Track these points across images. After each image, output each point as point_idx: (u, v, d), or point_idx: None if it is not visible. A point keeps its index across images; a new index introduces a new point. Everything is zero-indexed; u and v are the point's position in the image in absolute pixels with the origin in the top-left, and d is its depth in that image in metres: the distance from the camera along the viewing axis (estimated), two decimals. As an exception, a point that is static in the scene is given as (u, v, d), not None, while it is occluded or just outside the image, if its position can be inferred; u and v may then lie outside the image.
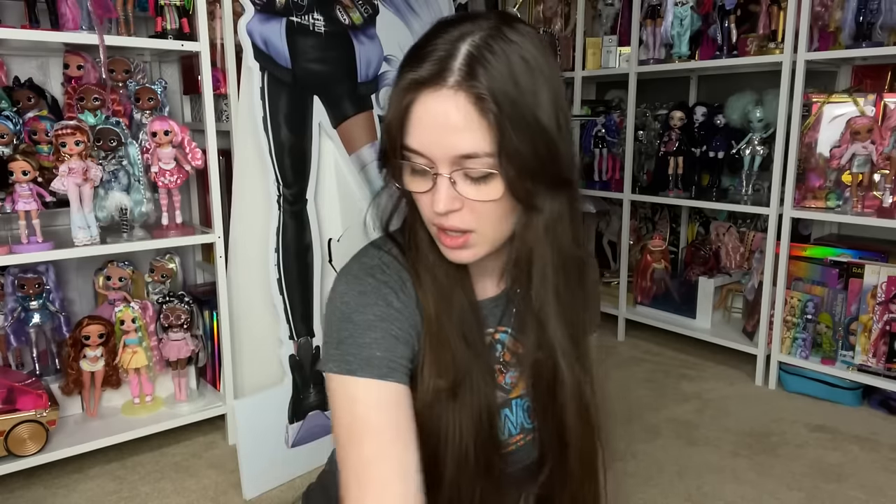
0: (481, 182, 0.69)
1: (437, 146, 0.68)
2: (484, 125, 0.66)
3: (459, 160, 0.67)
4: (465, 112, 0.65)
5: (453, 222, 0.71)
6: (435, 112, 0.67)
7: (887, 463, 1.85)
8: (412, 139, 0.69)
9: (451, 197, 0.69)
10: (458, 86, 0.65)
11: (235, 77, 1.83)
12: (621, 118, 2.90)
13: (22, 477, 1.74)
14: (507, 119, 0.65)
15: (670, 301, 2.78)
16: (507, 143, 0.66)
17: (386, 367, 0.73)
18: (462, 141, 0.66)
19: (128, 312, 1.85)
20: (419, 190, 0.72)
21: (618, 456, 1.90)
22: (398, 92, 0.69)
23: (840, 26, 2.16)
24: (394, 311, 0.75)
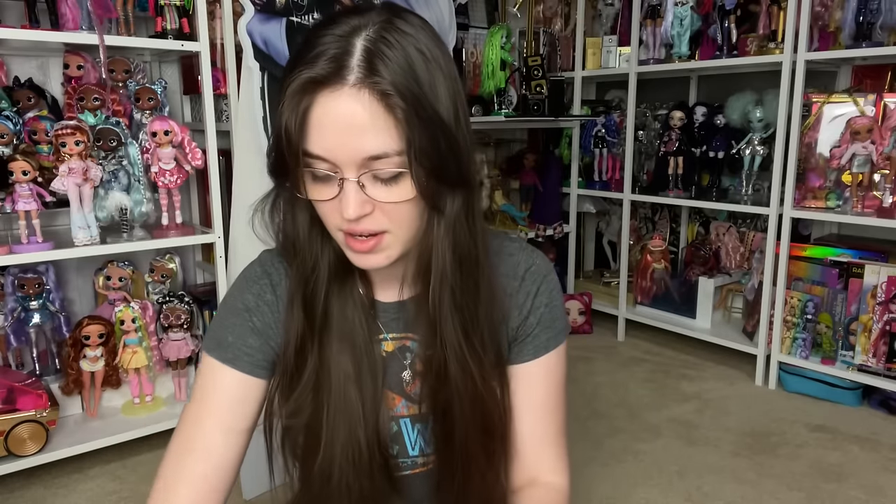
0: (391, 182, 0.65)
1: (341, 149, 0.63)
2: (391, 123, 0.62)
3: (367, 162, 0.64)
4: (370, 111, 0.62)
5: (365, 226, 0.67)
6: (337, 113, 0.62)
7: (887, 463, 1.85)
8: (313, 144, 0.64)
9: (361, 201, 0.65)
10: (360, 83, 0.61)
11: (235, 77, 1.83)
12: (621, 118, 2.90)
13: (22, 477, 1.74)
14: (414, 115, 0.62)
15: (670, 301, 2.78)
16: (415, 140, 0.63)
17: (232, 353, 0.77)
18: (370, 142, 0.63)
19: (128, 312, 1.85)
20: (324, 198, 0.67)
21: (617, 456, 1.90)
22: (292, 94, 0.64)
23: (840, 26, 2.16)
24: (262, 304, 0.78)
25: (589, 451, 1.92)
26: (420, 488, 0.84)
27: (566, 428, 0.87)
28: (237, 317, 0.79)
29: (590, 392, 2.33)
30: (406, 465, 0.83)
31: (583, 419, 2.12)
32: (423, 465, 0.83)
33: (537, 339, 0.82)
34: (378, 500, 0.78)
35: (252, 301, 0.79)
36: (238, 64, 1.80)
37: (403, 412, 0.82)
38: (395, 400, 0.82)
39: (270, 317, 0.78)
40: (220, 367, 0.78)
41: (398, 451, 0.82)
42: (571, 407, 2.19)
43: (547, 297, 0.83)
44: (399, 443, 0.82)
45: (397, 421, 0.82)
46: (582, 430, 2.05)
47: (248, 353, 0.77)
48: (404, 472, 0.83)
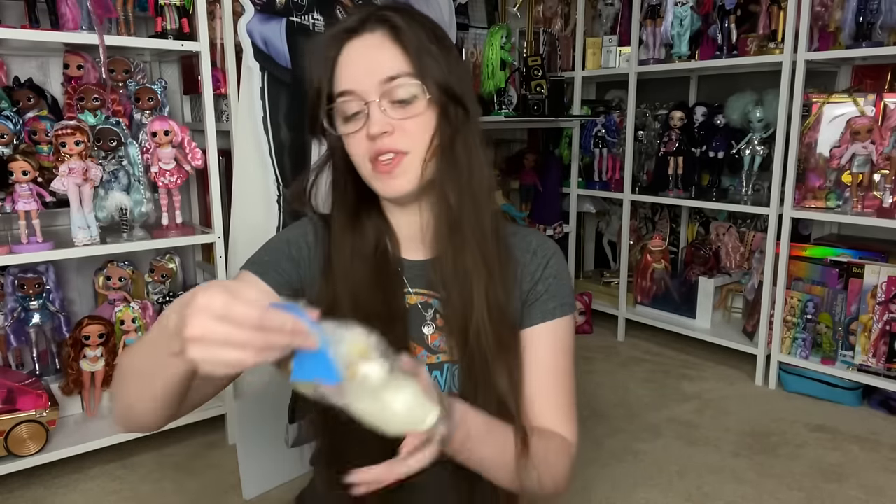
0: (407, 104, 0.80)
1: (364, 75, 0.79)
2: (400, 49, 0.79)
3: (385, 84, 0.79)
4: (384, 42, 0.80)
5: (386, 143, 0.79)
6: (360, 50, 0.80)
7: (887, 463, 1.85)
8: (341, 82, 0.81)
9: (383, 120, 0.79)
10: (376, 26, 0.81)
11: (235, 77, 1.83)
12: (621, 118, 2.90)
13: (22, 477, 1.74)
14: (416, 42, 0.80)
15: (670, 301, 2.78)
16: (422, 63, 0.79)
17: (264, 268, 0.86)
18: (385, 64, 0.79)
19: (128, 312, 1.85)
20: (353, 130, 0.81)
21: (617, 456, 1.90)
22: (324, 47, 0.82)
23: (840, 26, 2.16)
24: (302, 241, 0.90)
25: (589, 451, 1.92)
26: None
27: (575, 397, 0.93)
28: (278, 244, 0.90)
29: (590, 392, 2.33)
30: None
31: (583, 419, 2.11)
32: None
33: (545, 304, 0.90)
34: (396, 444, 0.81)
35: (294, 237, 0.90)
36: (238, 64, 1.80)
37: (423, 361, 0.89)
38: (416, 349, 0.89)
39: (306, 252, 0.89)
40: (249, 276, 0.86)
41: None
42: (571, 407, 2.19)
43: (555, 270, 0.92)
44: None
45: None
46: (582, 430, 2.03)
47: (279, 271, 0.86)
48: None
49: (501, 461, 0.79)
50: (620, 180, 2.86)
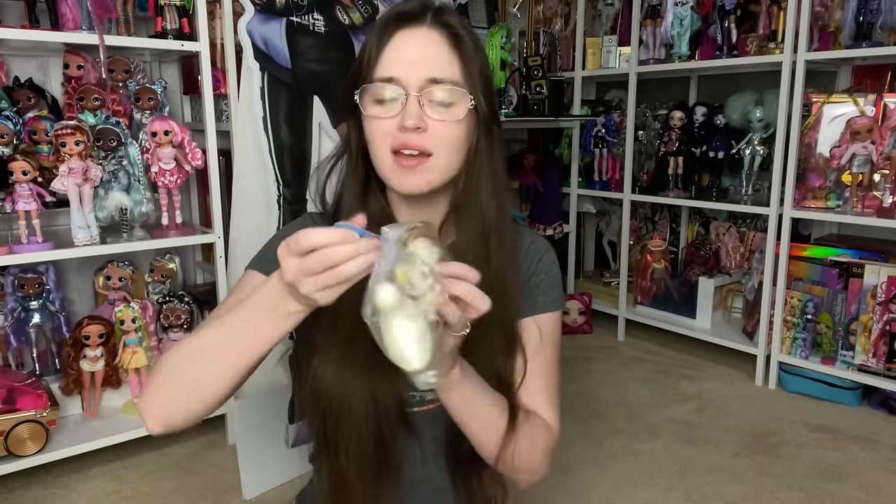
0: (445, 107, 0.80)
1: (412, 70, 0.80)
2: (455, 56, 0.81)
3: (429, 83, 0.79)
4: (439, 43, 0.81)
5: (415, 140, 0.79)
6: (414, 41, 0.81)
7: (887, 463, 1.85)
8: (386, 67, 0.80)
9: (420, 114, 0.79)
10: (434, 23, 0.82)
11: (235, 77, 1.83)
12: (621, 118, 2.90)
13: (22, 477, 1.74)
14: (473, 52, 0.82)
15: (670, 301, 2.78)
16: (470, 75, 0.82)
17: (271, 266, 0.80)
18: (435, 66, 0.80)
19: (128, 312, 1.85)
20: (385, 115, 0.80)
21: (617, 456, 1.90)
22: (380, 26, 0.82)
23: (840, 26, 2.16)
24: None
25: (589, 451, 1.92)
26: (426, 430, 0.90)
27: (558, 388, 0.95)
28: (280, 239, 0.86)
29: (590, 392, 2.33)
30: (414, 401, 0.88)
31: (583, 419, 2.12)
32: (428, 403, 0.89)
33: (535, 299, 0.92)
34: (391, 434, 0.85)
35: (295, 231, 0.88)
36: (238, 64, 1.80)
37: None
38: None
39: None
40: (256, 275, 0.86)
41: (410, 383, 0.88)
42: (571, 407, 2.19)
43: (547, 267, 0.95)
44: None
45: None
46: (582, 430, 2.05)
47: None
48: (412, 407, 0.88)
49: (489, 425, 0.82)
50: (620, 180, 2.86)
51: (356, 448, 0.82)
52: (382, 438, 0.84)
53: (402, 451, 0.88)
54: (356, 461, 0.83)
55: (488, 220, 0.86)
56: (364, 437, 0.82)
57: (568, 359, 2.63)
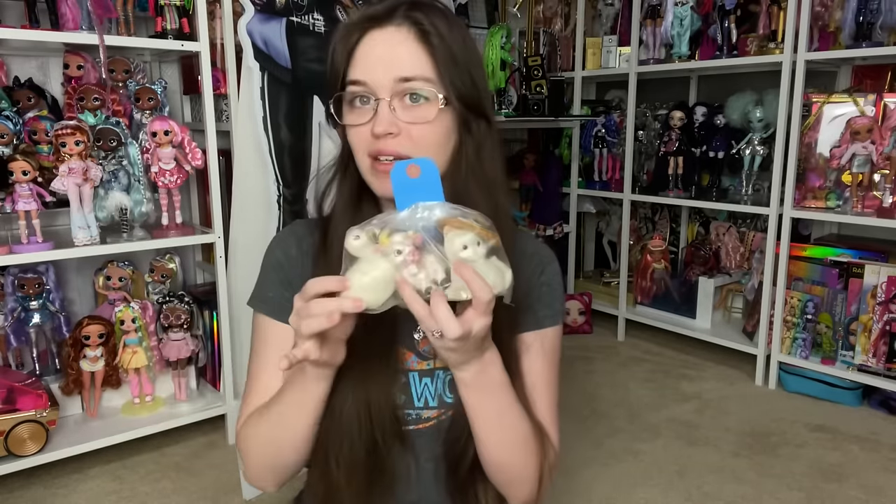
0: (417, 107, 0.78)
1: (380, 71, 0.77)
2: (423, 50, 0.77)
3: (399, 83, 0.77)
4: (408, 40, 0.77)
5: (390, 145, 0.77)
6: (381, 42, 0.78)
7: (887, 463, 1.85)
8: (356, 71, 0.78)
9: (390, 120, 0.77)
10: (403, 21, 0.78)
11: (235, 77, 1.83)
12: (621, 118, 2.90)
13: (22, 477, 1.74)
14: (443, 49, 0.77)
15: (670, 301, 2.78)
16: (442, 69, 0.77)
17: (276, 307, 0.86)
18: (404, 64, 0.77)
19: (128, 312, 1.85)
20: (358, 122, 0.79)
21: (617, 456, 1.90)
22: (346, 30, 0.80)
23: (840, 26, 2.16)
24: (289, 259, 0.88)
25: (589, 451, 1.92)
26: (423, 446, 0.87)
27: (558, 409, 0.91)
28: (273, 272, 0.89)
29: (590, 392, 2.33)
30: (410, 419, 0.86)
31: (583, 419, 2.12)
32: (426, 421, 0.87)
33: (536, 313, 0.88)
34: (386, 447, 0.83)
35: (281, 256, 0.89)
36: (238, 64, 1.80)
37: (413, 366, 0.86)
38: (406, 355, 0.86)
39: (298, 270, 0.87)
40: (267, 321, 0.88)
41: (404, 400, 0.86)
42: (571, 407, 2.19)
43: (549, 278, 0.91)
44: (406, 393, 0.86)
45: (406, 374, 0.86)
46: (582, 430, 2.05)
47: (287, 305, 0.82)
48: (409, 425, 0.86)
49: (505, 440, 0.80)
50: (620, 180, 2.86)
51: (347, 454, 0.81)
52: (375, 447, 0.82)
53: (396, 464, 0.85)
54: (347, 468, 0.81)
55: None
56: (356, 444, 0.81)
57: (568, 359, 2.63)
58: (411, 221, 0.64)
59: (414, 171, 0.65)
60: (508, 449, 0.80)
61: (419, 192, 0.65)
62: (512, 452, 0.80)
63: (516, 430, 0.79)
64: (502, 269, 0.66)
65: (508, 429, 0.79)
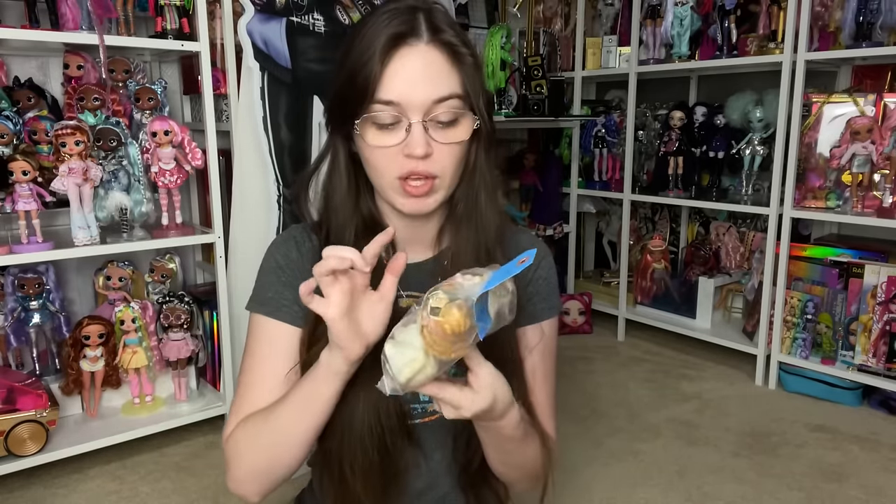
0: (450, 126, 0.78)
1: (414, 93, 0.76)
2: (456, 70, 0.78)
3: (433, 106, 0.77)
4: (440, 61, 0.77)
5: (422, 167, 0.77)
6: (412, 61, 0.76)
7: (887, 463, 1.85)
8: (386, 91, 0.76)
9: (427, 141, 0.77)
10: (432, 39, 0.77)
11: (235, 77, 1.83)
12: (621, 118, 2.90)
13: (22, 477, 1.74)
14: (472, 64, 0.80)
15: (670, 301, 2.78)
16: (473, 84, 0.79)
17: (273, 306, 0.86)
18: (439, 86, 0.77)
19: (128, 312, 1.85)
20: (389, 143, 0.78)
21: (617, 456, 1.90)
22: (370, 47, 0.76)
23: (840, 26, 2.16)
24: (289, 262, 0.88)
25: (589, 451, 1.92)
26: (430, 440, 0.90)
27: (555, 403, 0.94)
28: (271, 274, 0.88)
29: (590, 392, 2.33)
30: (416, 413, 0.88)
31: (583, 419, 2.12)
32: (431, 414, 0.89)
33: (534, 306, 0.91)
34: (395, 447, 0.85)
35: (281, 259, 0.88)
36: (238, 64, 1.80)
37: None
38: None
39: (298, 272, 0.87)
40: (265, 321, 0.87)
41: (409, 396, 0.87)
42: (571, 406, 2.19)
43: (545, 272, 0.93)
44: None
45: None
46: (582, 430, 2.05)
47: (286, 304, 0.86)
48: (415, 419, 0.88)
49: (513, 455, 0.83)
50: (620, 180, 2.86)
51: (361, 462, 0.82)
52: (387, 451, 0.84)
53: (407, 462, 0.88)
54: (363, 475, 0.82)
55: (489, 231, 0.85)
56: (369, 451, 0.82)
57: (568, 359, 2.63)
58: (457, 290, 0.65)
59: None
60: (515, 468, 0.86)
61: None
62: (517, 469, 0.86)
63: (524, 454, 0.83)
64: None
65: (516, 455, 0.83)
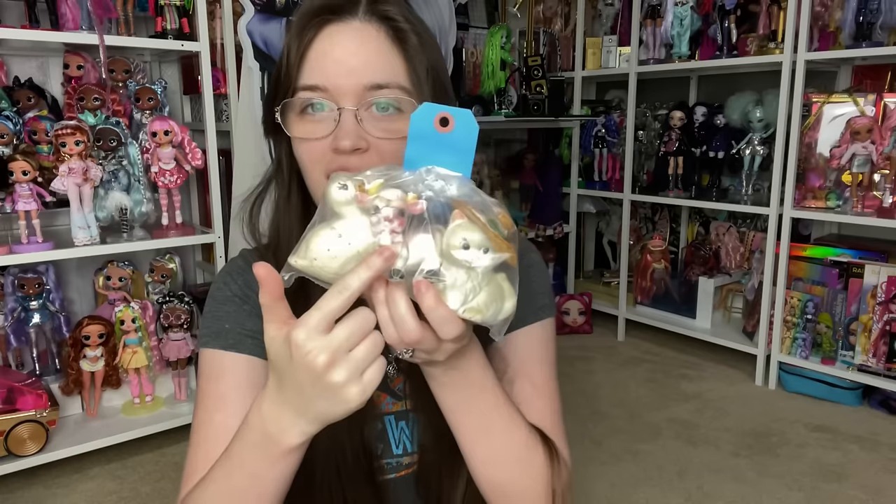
0: (388, 118, 0.65)
1: (344, 78, 0.64)
2: (397, 53, 0.65)
3: (368, 92, 0.64)
4: (378, 41, 0.65)
5: (354, 163, 0.64)
6: (344, 40, 0.64)
7: (887, 463, 1.85)
8: (311, 74, 0.65)
9: (358, 134, 0.63)
10: (369, 14, 0.65)
11: (235, 77, 1.83)
12: (621, 118, 2.90)
13: (22, 477, 1.74)
14: (419, 47, 0.66)
15: (670, 301, 2.78)
16: (419, 75, 0.66)
17: (232, 339, 0.72)
18: (376, 70, 0.64)
19: (128, 312, 1.85)
20: (314, 135, 0.65)
21: (617, 456, 1.90)
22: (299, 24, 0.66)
23: (840, 26, 2.16)
24: (250, 291, 0.74)
25: (589, 451, 1.92)
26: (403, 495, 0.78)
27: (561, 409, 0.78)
28: (229, 304, 0.75)
29: (590, 392, 2.33)
30: (390, 468, 0.77)
31: (583, 419, 2.12)
32: (406, 467, 0.78)
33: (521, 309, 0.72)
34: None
35: (239, 289, 0.76)
36: (238, 64, 1.80)
37: (388, 409, 0.77)
38: (381, 397, 0.77)
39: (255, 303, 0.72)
40: (222, 355, 0.72)
41: (382, 450, 0.77)
42: (571, 407, 2.19)
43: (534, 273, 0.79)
44: (384, 441, 0.77)
45: (382, 419, 0.77)
46: (582, 430, 2.05)
47: (248, 335, 0.73)
48: (388, 475, 0.77)
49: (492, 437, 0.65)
50: (620, 180, 2.86)
51: None
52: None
53: None
54: None
55: None
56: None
57: (568, 359, 2.63)
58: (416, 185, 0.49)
59: (445, 122, 0.50)
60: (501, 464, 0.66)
61: (441, 153, 0.50)
62: (506, 467, 0.66)
63: (509, 438, 0.65)
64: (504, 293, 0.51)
65: (498, 437, 0.65)
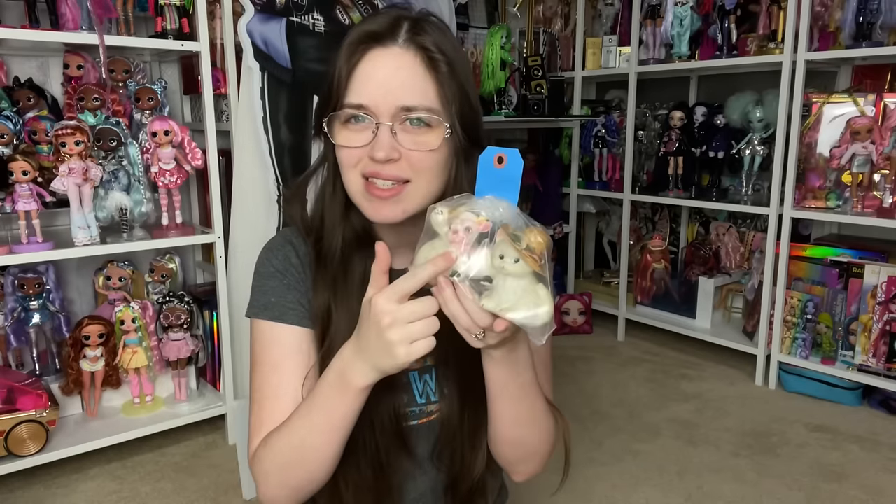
0: (420, 132, 0.76)
1: (383, 95, 0.75)
2: (430, 79, 0.76)
3: (401, 112, 0.75)
4: (413, 67, 0.76)
5: (388, 170, 0.76)
6: (384, 65, 0.76)
7: (887, 463, 1.85)
8: (355, 94, 0.76)
9: (392, 145, 0.75)
10: (408, 43, 0.76)
11: (235, 77, 1.83)
12: (621, 118, 2.90)
13: (22, 477, 1.74)
14: (450, 78, 0.77)
15: (670, 301, 2.78)
16: (448, 99, 0.76)
17: (278, 311, 0.84)
18: (408, 94, 0.75)
19: (128, 312, 1.85)
20: (354, 143, 0.77)
21: (617, 456, 1.90)
22: (348, 47, 0.77)
23: (840, 26, 2.16)
24: (289, 266, 0.86)
25: (589, 451, 1.92)
26: (425, 441, 0.88)
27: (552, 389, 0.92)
28: (271, 279, 0.86)
29: (590, 392, 2.33)
30: (413, 414, 0.87)
31: (583, 419, 2.12)
32: (427, 415, 0.88)
33: None
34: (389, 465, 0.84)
35: (280, 264, 0.87)
36: (238, 64, 1.80)
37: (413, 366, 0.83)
38: None
39: (299, 276, 0.86)
40: (270, 326, 0.84)
41: (407, 399, 0.87)
42: (571, 407, 2.19)
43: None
44: (408, 392, 0.87)
45: (406, 374, 0.87)
46: (582, 430, 2.05)
47: (291, 307, 0.84)
48: (411, 421, 0.87)
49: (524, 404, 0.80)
50: (620, 180, 2.86)
51: (355, 478, 0.81)
52: (381, 468, 0.83)
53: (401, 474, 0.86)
54: (355, 490, 0.82)
55: None
56: (362, 464, 0.82)
57: (568, 359, 2.63)
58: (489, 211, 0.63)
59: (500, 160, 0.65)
60: (526, 425, 0.82)
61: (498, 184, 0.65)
62: (529, 429, 0.82)
63: (535, 406, 0.80)
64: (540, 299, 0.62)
65: (528, 405, 0.80)
